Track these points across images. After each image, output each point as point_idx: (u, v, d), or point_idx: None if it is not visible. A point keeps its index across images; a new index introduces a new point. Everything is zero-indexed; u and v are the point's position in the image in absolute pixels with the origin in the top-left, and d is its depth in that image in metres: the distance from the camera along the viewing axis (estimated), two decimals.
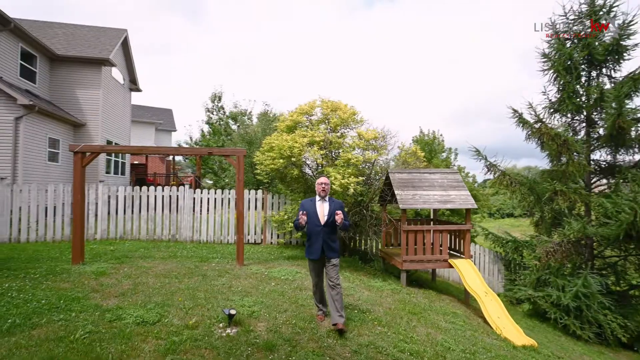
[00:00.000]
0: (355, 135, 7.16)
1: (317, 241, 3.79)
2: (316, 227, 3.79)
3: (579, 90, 8.84)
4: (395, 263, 7.39)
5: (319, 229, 3.78)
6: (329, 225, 3.80)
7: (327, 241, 3.80)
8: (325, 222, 3.80)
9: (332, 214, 3.79)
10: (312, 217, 3.81)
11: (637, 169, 8.25)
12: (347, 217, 4.12)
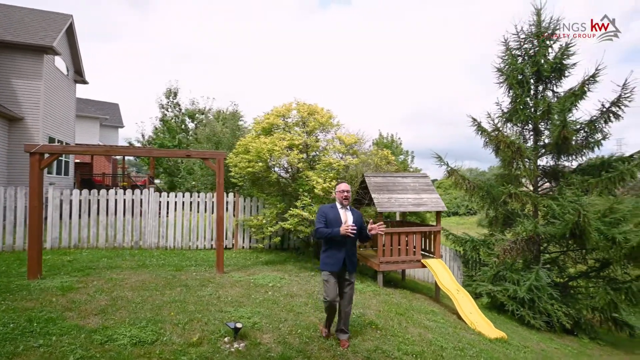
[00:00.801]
0: (335, 139, 7.23)
1: (340, 252, 3.48)
2: (341, 237, 3.45)
3: (529, 102, 9.76)
4: (372, 264, 7.59)
5: (344, 239, 3.47)
6: (352, 234, 3.46)
7: (349, 253, 3.56)
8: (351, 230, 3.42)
9: (357, 223, 3.57)
10: (336, 225, 3.49)
11: (576, 174, 9.34)
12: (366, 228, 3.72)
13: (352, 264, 3.57)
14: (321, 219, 3.56)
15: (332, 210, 3.64)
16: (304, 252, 8.61)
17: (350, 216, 3.62)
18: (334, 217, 3.56)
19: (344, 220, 3.54)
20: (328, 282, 3.50)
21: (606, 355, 7.55)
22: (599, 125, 8.98)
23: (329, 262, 3.52)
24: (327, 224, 3.52)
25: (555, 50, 9.56)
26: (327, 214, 3.58)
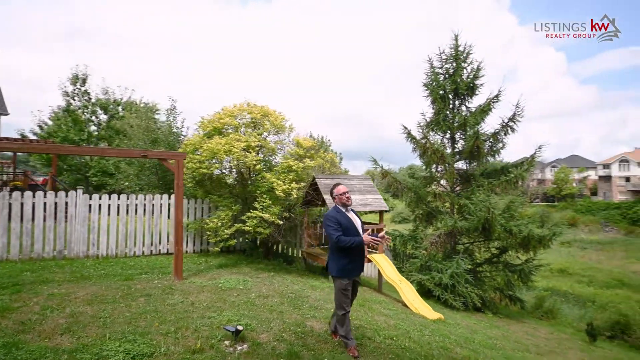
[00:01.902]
0: (291, 142, 7.44)
1: (359, 256, 3.44)
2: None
3: (449, 115, 11.31)
4: (322, 262, 7.99)
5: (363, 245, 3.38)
6: None
7: (364, 255, 3.56)
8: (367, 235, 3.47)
9: (362, 225, 3.60)
10: (352, 230, 3.40)
11: (484, 177, 11.16)
12: None
13: (363, 267, 3.64)
14: (336, 226, 3.39)
15: (341, 215, 3.50)
16: (252, 253, 8.60)
17: (357, 218, 3.60)
18: (348, 223, 3.45)
19: (356, 224, 3.50)
20: (347, 291, 3.43)
21: (506, 325, 9.19)
22: (500, 136, 10.88)
23: (351, 269, 3.43)
24: (344, 231, 3.38)
25: (469, 71, 11.28)
26: (340, 220, 3.43)
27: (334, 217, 3.45)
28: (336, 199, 3.59)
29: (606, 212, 42.00)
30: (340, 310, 3.47)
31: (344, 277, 3.43)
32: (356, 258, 3.45)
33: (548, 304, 11.94)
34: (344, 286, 3.43)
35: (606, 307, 12.12)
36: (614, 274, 22.36)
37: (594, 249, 31.47)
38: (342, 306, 3.45)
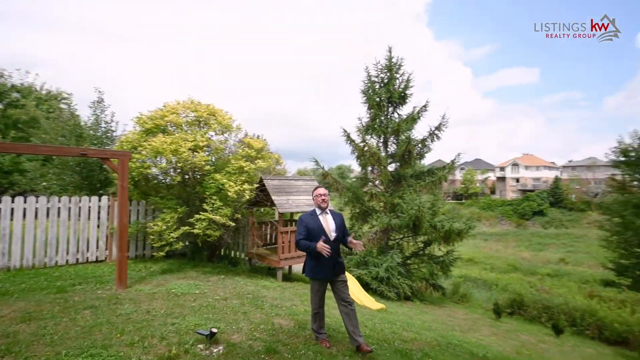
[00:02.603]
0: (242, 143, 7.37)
1: (329, 259, 3.45)
2: (326, 244, 3.42)
3: (384, 120, 12.24)
4: (270, 262, 8.08)
5: (329, 245, 3.42)
6: (338, 240, 3.55)
7: (336, 257, 3.54)
8: (335, 237, 3.53)
9: (339, 228, 3.59)
10: (319, 233, 3.48)
11: (413, 178, 12.34)
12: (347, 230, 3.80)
13: (340, 267, 3.62)
14: (302, 229, 3.51)
15: (312, 218, 3.59)
16: (194, 257, 8.28)
17: (332, 221, 3.62)
18: (316, 226, 3.53)
19: (325, 227, 3.55)
20: (318, 291, 3.57)
21: (432, 310, 10.32)
22: (427, 142, 12.14)
23: (316, 270, 3.53)
24: (309, 234, 3.49)
25: (401, 81, 12.35)
26: (308, 224, 3.54)
27: (303, 221, 3.62)
28: (314, 200, 3.76)
29: (502, 208, 49.06)
30: (312, 309, 3.69)
31: (312, 277, 3.61)
32: (323, 260, 3.46)
33: (462, 289, 13.62)
34: (313, 286, 3.63)
35: (506, 289, 14.32)
36: (509, 260, 26.36)
37: (493, 240, 36.58)
38: (312, 305, 3.68)
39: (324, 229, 3.56)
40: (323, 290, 3.67)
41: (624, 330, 9.73)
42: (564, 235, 36.40)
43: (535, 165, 58.52)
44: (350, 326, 3.51)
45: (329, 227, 3.60)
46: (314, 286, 3.65)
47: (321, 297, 3.65)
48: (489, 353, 4.94)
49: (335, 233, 3.58)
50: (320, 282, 3.62)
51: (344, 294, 3.58)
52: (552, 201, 47.19)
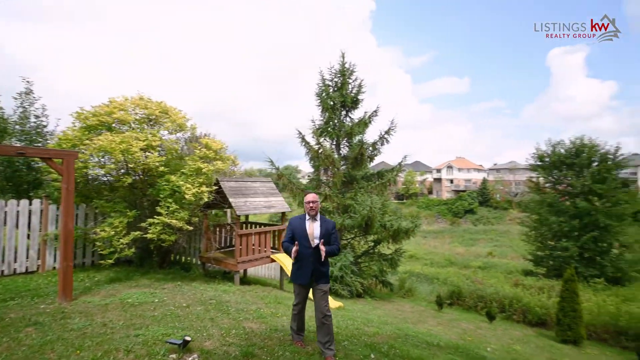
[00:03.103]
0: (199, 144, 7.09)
1: (307, 265, 3.47)
2: (306, 250, 3.46)
3: (337, 124, 12.58)
4: (227, 266, 7.89)
5: (309, 252, 3.45)
6: (319, 248, 3.46)
7: (318, 265, 3.48)
8: (317, 244, 3.47)
9: (323, 236, 3.51)
10: (301, 238, 3.48)
11: (365, 180, 12.85)
12: (338, 238, 3.71)
13: (321, 276, 3.53)
14: (288, 232, 3.60)
15: (299, 223, 3.60)
16: (142, 263, 7.78)
17: (317, 228, 3.55)
18: (301, 231, 3.54)
19: (309, 233, 3.52)
20: (298, 294, 3.65)
21: (382, 306, 10.86)
22: (378, 145, 12.74)
23: (297, 275, 3.59)
24: (294, 238, 3.55)
25: (354, 86, 12.80)
26: (295, 228, 3.58)
27: (291, 224, 3.69)
28: (304, 206, 3.73)
29: (438, 207, 52.89)
30: (292, 309, 3.76)
31: (293, 281, 3.69)
32: (303, 266, 3.51)
33: (407, 284, 14.50)
34: (294, 289, 3.70)
35: (446, 282, 15.53)
36: (445, 255, 28.57)
37: (431, 237, 39.29)
38: (293, 306, 3.74)
39: (307, 234, 3.54)
40: (303, 295, 3.67)
41: (543, 313, 11.15)
42: (491, 231, 40.41)
43: (466, 168, 64.09)
44: (322, 338, 3.46)
45: (313, 233, 3.54)
46: (295, 289, 3.73)
47: (300, 301, 3.68)
48: (441, 341, 5.39)
49: (317, 240, 3.51)
50: (299, 286, 3.65)
51: (321, 304, 3.49)
52: (480, 200, 52.08)
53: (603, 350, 9.14)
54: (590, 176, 18.70)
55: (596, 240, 18.04)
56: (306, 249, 3.50)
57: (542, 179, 21.92)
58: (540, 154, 21.08)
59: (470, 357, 4.55)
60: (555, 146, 20.74)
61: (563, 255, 18.27)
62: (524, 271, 20.17)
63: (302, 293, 3.67)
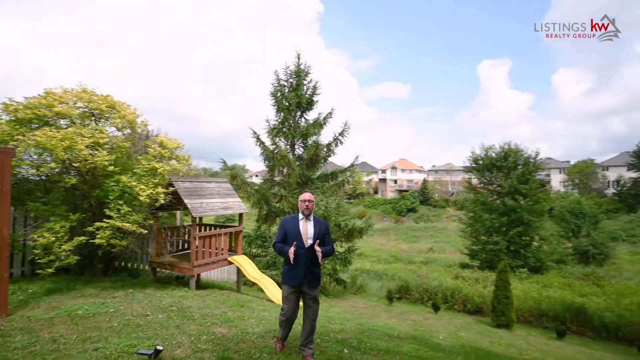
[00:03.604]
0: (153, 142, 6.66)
1: (300, 266, 3.34)
2: (299, 250, 3.34)
3: (292, 124, 12.62)
4: (182, 270, 7.53)
5: (302, 252, 3.35)
6: (314, 248, 3.35)
7: (311, 267, 3.39)
8: (310, 245, 3.37)
9: (317, 236, 3.40)
10: (295, 238, 3.36)
11: (319, 181, 13.05)
12: (331, 240, 3.61)
13: (314, 278, 3.44)
14: (280, 231, 3.46)
15: (292, 222, 3.48)
16: (82, 272, 7.12)
17: (311, 228, 3.44)
18: (294, 230, 3.42)
19: (303, 233, 3.41)
20: (287, 299, 3.42)
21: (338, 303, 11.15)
22: (332, 147, 13.01)
23: (289, 276, 3.41)
24: (286, 238, 3.42)
25: (309, 87, 12.93)
26: (288, 227, 3.46)
27: (284, 224, 3.53)
28: (299, 205, 3.59)
29: (384, 206, 55.32)
30: (280, 315, 3.53)
31: (284, 283, 3.48)
32: (295, 267, 3.37)
33: (359, 281, 15.02)
34: (284, 291, 3.47)
35: (394, 277, 16.35)
36: (391, 252, 29.97)
37: (377, 235, 40.92)
38: (281, 311, 3.52)
39: (300, 235, 3.42)
40: (294, 299, 3.47)
41: (480, 302, 12.30)
42: (431, 228, 43.29)
43: (409, 169, 67.86)
44: (305, 338, 3.46)
45: (307, 233, 3.43)
46: (285, 291, 3.51)
47: (292, 306, 3.47)
48: (400, 333, 5.72)
49: (311, 241, 3.39)
50: (290, 287, 3.44)
51: (313, 308, 3.49)
52: (421, 200, 55.55)
53: (529, 331, 10.35)
54: (516, 178, 20.99)
55: (521, 235, 20.29)
56: (300, 250, 3.37)
57: (476, 180, 24.08)
58: (475, 157, 23.16)
59: (428, 345, 4.90)
60: (487, 150, 22.92)
61: (494, 248, 20.27)
62: (461, 264, 21.98)
63: (293, 298, 3.46)
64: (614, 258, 23.10)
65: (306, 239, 3.40)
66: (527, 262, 19.56)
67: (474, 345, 5.78)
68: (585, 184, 47.04)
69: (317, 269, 3.48)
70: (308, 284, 3.40)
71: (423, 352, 4.16)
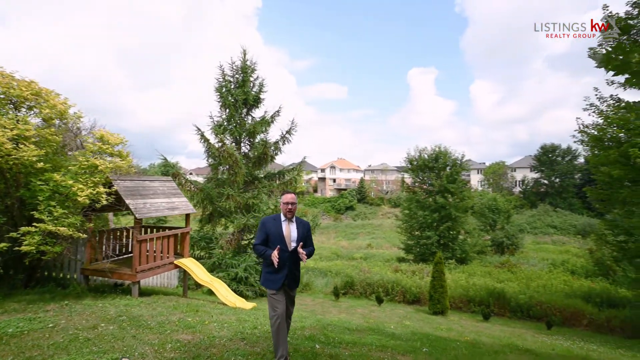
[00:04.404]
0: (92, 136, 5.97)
1: (282, 270, 3.22)
2: (282, 253, 3.20)
3: (239, 121, 12.28)
4: (123, 277, 6.92)
5: (286, 255, 3.22)
6: (296, 251, 3.24)
7: (293, 269, 3.30)
8: (294, 248, 3.25)
9: (301, 239, 3.30)
10: (278, 241, 3.23)
11: (267, 180, 12.90)
12: (312, 240, 3.50)
13: (294, 281, 3.36)
14: (261, 233, 3.29)
15: (274, 223, 3.31)
16: None
17: (295, 231, 3.32)
18: (276, 232, 3.25)
19: (286, 235, 3.27)
20: (275, 298, 3.25)
21: None
22: (280, 145, 12.95)
23: (271, 280, 3.27)
24: (268, 239, 3.26)
25: (256, 84, 12.70)
26: (269, 228, 3.29)
27: (264, 225, 3.35)
28: (281, 207, 3.42)
29: (323, 204, 56.41)
30: (271, 324, 3.32)
31: (266, 286, 3.32)
32: (278, 270, 3.22)
33: (305, 279, 15.18)
34: (269, 295, 3.30)
35: (338, 274, 16.83)
36: (332, 249, 30.74)
37: (318, 233, 41.62)
38: (270, 320, 3.31)
39: (283, 237, 3.27)
40: (281, 300, 3.28)
41: (418, 292, 13.28)
42: (368, 225, 45.32)
43: (347, 168, 70.13)
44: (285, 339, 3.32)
45: (290, 236, 3.29)
46: (272, 297, 3.30)
47: (282, 303, 3.28)
48: (357, 326, 5.96)
49: (295, 243, 3.28)
50: (272, 290, 3.28)
51: (290, 311, 3.43)
52: (359, 198, 57.82)
53: (461, 316, 11.49)
54: (445, 177, 23.01)
55: (449, 229, 22.32)
56: (283, 253, 3.22)
57: (411, 180, 25.87)
58: (411, 158, 24.87)
59: (385, 334, 5.20)
60: (421, 152, 24.77)
61: (427, 242, 21.99)
62: (398, 258, 23.43)
63: (280, 298, 3.28)
64: (523, 248, 26.63)
65: (289, 242, 3.27)
66: (455, 254, 21.58)
67: (422, 332, 6.26)
68: (498, 183, 53.34)
69: (298, 272, 3.41)
70: (288, 286, 3.31)
71: (385, 341, 4.41)
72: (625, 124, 9.67)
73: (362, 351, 3.81)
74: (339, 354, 3.62)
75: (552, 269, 18.93)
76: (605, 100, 11.42)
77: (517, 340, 6.89)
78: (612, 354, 6.70)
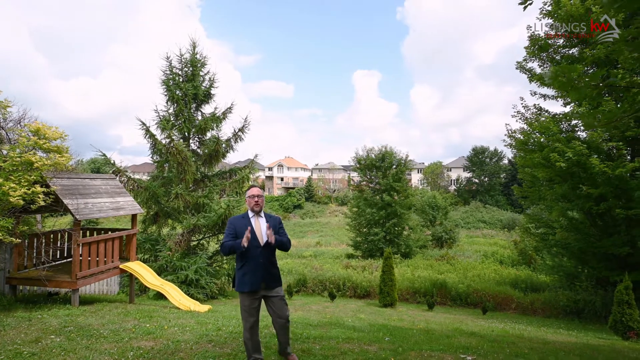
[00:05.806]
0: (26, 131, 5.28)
1: (257, 267, 3.06)
2: (255, 250, 3.06)
3: (188, 117, 11.72)
4: (61, 284, 6.29)
5: (258, 251, 3.08)
6: (269, 245, 3.12)
7: (269, 266, 3.15)
8: (266, 242, 3.12)
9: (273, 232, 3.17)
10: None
11: (217, 178, 12.48)
12: (286, 233, 3.35)
13: (273, 279, 3.19)
14: (229, 232, 3.16)
15: (242, 220, 3.22)
16: None
17: (264, 224, 3.20)
18: (245, 229, 3.09)
19: (256, 229, 3.17)
20: (249, 312, 3.08)
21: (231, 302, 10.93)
22: (232, 142, 12.60)
23: (244, 281, 3.09)
24: (237, 238, 3.11)
25: (206, 79, 12.21)
26: (237, 226, 3.18)
27: (232, 223, 3.24)
28: (247, 201, 3.30)
29: (271, 203, 55.84)
30: (243, 334, 3.16)
31: (240, 291, 3.13)
32: (251, 268, 3.08)
33: None
34: (243, 302, 3.13)
35: (291, 272, 16.86)
36: None
37: None
38: (244, 329, 3.13)
39: (254, 232, 3.16)
40: (255, 307, 3.13)
41: (368, 287, 13.83)
42: (316, 224, 45.87)
43: (294, 167, 70.23)
44: (283, 339, 3.29)
45: (261, 230, 3.19)
46: (244, 302, 3.13)
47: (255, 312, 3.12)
48: (318, 322, 6.07)
49: (266, 237, 3.14)
50: (249, 296, 3.10)
51: (281, 310, 3.20)
52: (306, 196, 58.28)
53: (408, 307, 12.21)
54: (391, 176, 24.18)
55: (395, 226, 23.51)
56: (255, 249, 3.09)
57: (359, 178, 26.73)
58: (359, 158, 25.71)
59: (347, 327, 5.37)
60: (368, 152, 25.72)
61: (374, 239, 22.92)
62: (347, 255, 24.09)
63: (254, 304, 3.12)
64: (459, 241, 28.98)
65: (261, 237, 3.15)
66: (400, 249, 22.79)
67: (379, 324, 6.57)
68: (436, 182, 57.37)
69: (275, 269, 3.25)
70: (267, 286, 3.14)
71: (350, 334, 4.57)
72: (546, 131, 11.05)
73: (330, 344, 3.92)
74: (311, 349, 3.69)
75: (484, 259, 20.89)
76: (529, 109, 12.97)
77: (461, 325, 7.54)
78: (538, 332, 7.64)
